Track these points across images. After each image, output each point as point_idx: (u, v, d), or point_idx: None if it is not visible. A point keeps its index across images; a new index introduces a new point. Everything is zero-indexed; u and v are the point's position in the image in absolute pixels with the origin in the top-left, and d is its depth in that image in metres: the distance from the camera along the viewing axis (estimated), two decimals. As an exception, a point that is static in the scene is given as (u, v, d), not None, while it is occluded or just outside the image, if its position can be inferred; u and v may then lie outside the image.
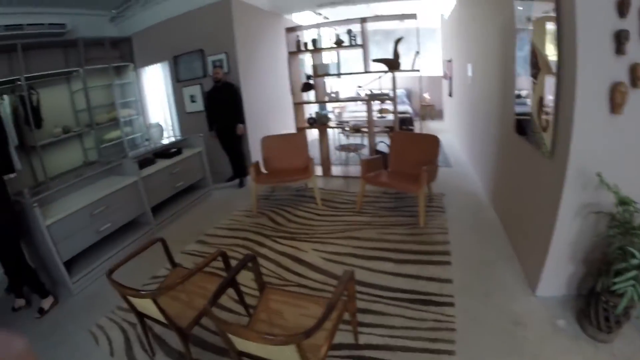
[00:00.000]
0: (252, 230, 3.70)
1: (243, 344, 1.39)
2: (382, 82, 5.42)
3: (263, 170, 4.42)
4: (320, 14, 7.48)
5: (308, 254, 3.08)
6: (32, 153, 5.02)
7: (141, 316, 1.99)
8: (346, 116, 7.51)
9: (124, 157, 4.14)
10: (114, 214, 3.43)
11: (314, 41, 5.02)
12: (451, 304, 2.29)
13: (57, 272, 3.00)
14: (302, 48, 5.09)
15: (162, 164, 4.19)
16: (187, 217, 4.35)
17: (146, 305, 1.77)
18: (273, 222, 3.85)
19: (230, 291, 2.05)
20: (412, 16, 4.86)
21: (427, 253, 2.91)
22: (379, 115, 5.49)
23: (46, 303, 2.88)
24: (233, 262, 2.23)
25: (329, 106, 7.23)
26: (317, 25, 5.45)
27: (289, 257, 3.09)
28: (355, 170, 5.06)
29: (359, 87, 6.58)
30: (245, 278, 2.49)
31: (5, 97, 4.71)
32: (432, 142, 3.82)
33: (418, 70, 4.85)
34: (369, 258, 2.92)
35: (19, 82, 4.73)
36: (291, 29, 5.10)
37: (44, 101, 5.11)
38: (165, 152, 4.44)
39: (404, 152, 4.05)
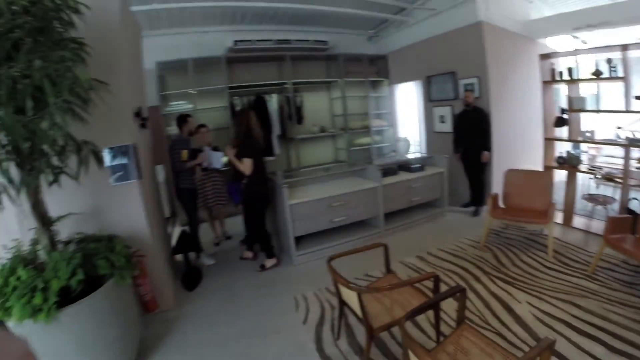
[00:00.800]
0: (473, 262, 3.80)
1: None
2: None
3: (501, 204, 4.42)
4: (577, 37, 6.56)
5: (520, 306, 3.00)
6: (290, 143, 6.70)
7: (342, 303, 2.53)
8: (600, 161, 6.42)
9: (370, 163, 4.97)
10: (349, 210, 4.27)
11: (570, 70, 4.61)
12: None
13: (287, 242, 4.07)
14: (557, 77, 4.75)
15: (403, 176, 4.80)
16: (415, 231, 4.82)
17: (350, 296, 2.19)
18: (496, 260, 3.84)
19: (430, 313, 2.35)
20: None
21: (649, 351, 2.42)
22: (637, 165, 4.57)
23: (269, 262, 4.00)
24: (443, 287, 2.57)
25: (584, 146, 6.36)
26: (575, 52, 4.93)
27: (499, 301, 3.08)
28: (598, 226, 4.43)
29: (619, 128, 5.52)
30: (449, 306, 2.78)
31: (274, 95, 6.45)
32: None
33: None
34: (580, 332, 2.64)
35: (286, 86, 6.35)
36: (545, 56, 4.84)
37: (306, 103, 6.74)
38: (409, 166, 5.02)
39: None
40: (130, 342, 2.48)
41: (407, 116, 7.42)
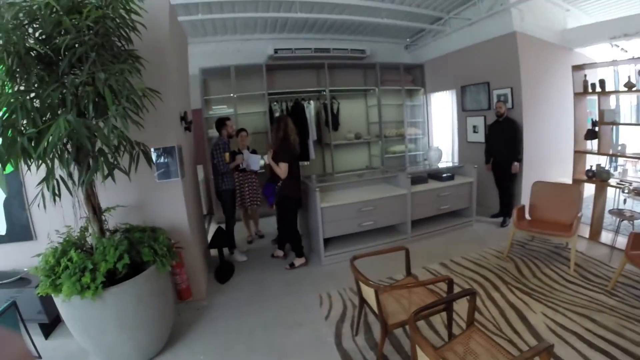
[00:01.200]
0: (495, 272, 3.86)
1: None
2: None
3: (527, 215, 4.43)
4: (617, 46, 6.36)
5: (535, 316, 3.05)
6: (326, 148, 6.95)
7: (362, 301, 2.70)
8: (632, 175, 6.15)
9: (401, 170, 5.11)
10: (378, 215, 4.44)
11: (601, 82, 4.52)
12: None
13: (316, 243, 4.30)
14: (589, 89, 4.66)
15: (433, 184, 4.92)
16: (441, 239, 4.91)
17: (369, 294, 2.38)
18: (518, 271, 3.88)
19: (444, 316, 2.47)
20: None
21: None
22: None
23: (298, 261, 4.23)
24: (457, 291, 2.68)
25: (621, 160, 6.16)
26: (609, 64, 4.85)
27: (515, 310, 3.13)
28: (624, 242, 4.33)
29: None
30: (464, 310, 2.88)
31: (312, 102, 6.71)
32: None
33: None
34: (591, 346, 2.66)
35: (324, 92, 6.62)
36: (578, 67, 4.75)
37: (342, 110, 6.95)
38: (439, 174, 5.12)
39: None
40: (165, 324, 2.77)
41: (442, 125, 7.46)
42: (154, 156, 3.15)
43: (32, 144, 1.94)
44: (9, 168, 2.37)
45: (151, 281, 2.51)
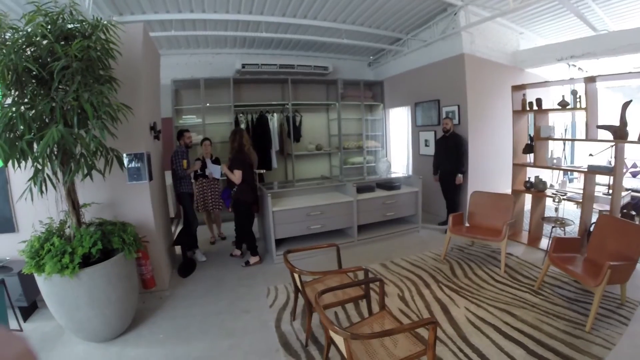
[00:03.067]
0: (429, 272, 4.40)
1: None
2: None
3: (466, 222, 5.09)
4: (574, 66, 7.30)
5: (457, 309, 3.46)
6: (288, 158, 7.64)
7: (297, 291, 3.26)
8: (570, 186, 6.96)
9: (348, 180, 5.78)
10: (325, 220, 5.09)
11: (538, 101, 5.16)
12: None
13: (269, 243, 4.93)
14: (527, 107, 5.26)
15: (379, 193, 5.61)
16: (387, 243, 5.56)
17: (297, 280, 2.97)
18: (451, 271, 4.40)
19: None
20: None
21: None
22: (605, 192, 5.19)
23: (253, 260, 4.87)
24: (391, 289, 3.57)
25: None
26: (546, 84, 5.49)
27: (440, 304, 3.58)
28: None
29: (590, 155, 6.17)
30: (393, 307, 3.54)
31: (275, 114, 7.44)
32: (637, 234, 3.46)
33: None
34: (506, 336, 3.01)
35: (287, 106, 7.31)
36: (518, 87, 5.37)
37: (305, 122, 7.71)
38: (386, 184, 5.82)
39: (605, 240, 3.77)
40: (129, 305, 3.31)
41: (399, 139, 8.30)
42: (126, 161, 3.72)
43: (28, 147, 2.50)
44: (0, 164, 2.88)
45: (119, 265, 3.08)
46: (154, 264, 4.01)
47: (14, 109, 2.50)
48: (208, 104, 6.93)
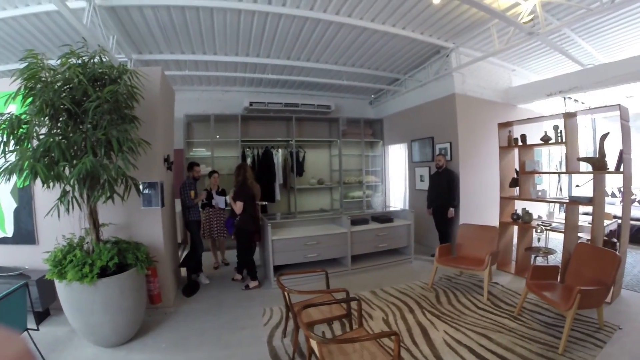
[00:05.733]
0: (415, 299, 4.74)
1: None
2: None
3: (454, 253, 5.50)
4: (570, 98, 7.84)
5: (436, 332, 3.76)
6: (291, 191, 8.20)
7: (288, 309, 3.65)
8: (560, 217, 7.30)
9: (342, 213, 6.29)
10: (321, 249, 5.59)
11: (522, 137, 5.61)
12: None
13: (268, 269, 5.40)
14: (513, 143, 5.70)
15: (373, 225, 6.11)
16: (378, 273, 5.96)
17: (287, 298, 3.30)
18: (436, 299, 4.71)
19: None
20: (614, 108, 4.53)
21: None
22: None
23: (252, 284, 5.34)
24: (377, 314, 4.02)
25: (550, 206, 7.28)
26: (527, 121, 5.69)
27: (421, 327, 3.89)
28: None
29: (577, 186, 6.61)
30: (376, 328, 3.97)
31: (280, 150, 8.07)
32: (611, 260, 3.74)
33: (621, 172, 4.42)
34: (479, 357, 3.26)
35: (291, 142, 7.99)
36: (504, 124, 5.84)
37: (308, 158, 8.37)
38: (380, 217, 6.32)
39: (582, 267, 4.07)
40: (137, 315, 3.82)
41: (397, 174, 8.87)
42: (141, 188, 4.32)
43: (63, 172, 3.12)
44: (27, 182, 3.40)
45: (131, 279, 3.62)
46: (161, 282, 4.54)
47: (51, 139, 3.11)
48: (217, 139, 7.66)
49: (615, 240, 5.22)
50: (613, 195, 8.60)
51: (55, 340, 3.77)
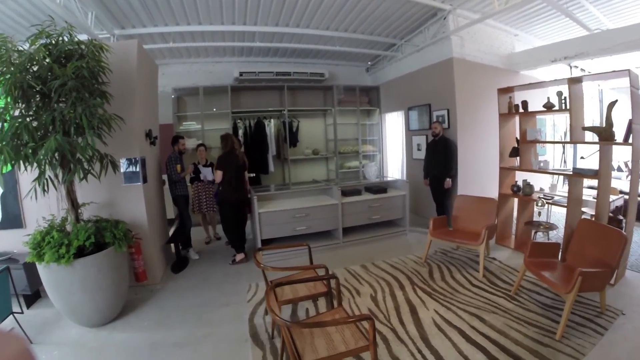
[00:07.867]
0: (407, 274, 4.63)
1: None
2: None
3: (450, 226, 5.39)
4: (576, 67, 7.56)
5: (426, 312, 3.62)
6: (285, 163, 8.15)
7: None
8: (560, 190, 7.12)
9: (335, 184, 6.20)
10: (310, 222, 5.54)
11: (524, 103, 5.32)
12: None
13: (255, 243, 5.39)
14: (513, 110, 5.42)
15: (365, 197, 6.03)
16: (371, 245, 5.93)
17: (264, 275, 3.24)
18: (429, 274, 4.58)
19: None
20: (623, 74, 4.14)
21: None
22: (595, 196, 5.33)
23: (239, 257, 5.36)
24: (365, 290, 4.00)
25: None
26: (529, 86, 5.33)
27: (409, 305, 3.78)
28: None
29: (582, 158, 6.42)
30: (363, 306, 3.94)
31: (272, 120, 7.99)
32: (616, 239, 3.47)
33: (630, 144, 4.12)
34: (469, 340, 3.09)
35: (284, 112, 7.85)
36: (504, 90, 5.51)
37: (302, 128, 8.25)
38: (373, 188, 6.24)
39: (585, 246, 3.81)
40: (119, 294, 3.86)
41: (394, 143, 8.74)
42: (123, 164, 4.31)
43: (32, 153, 3.08)
44: (8, 167, 3.44)
45: (109, 258, 3.64)
46: (146, 260, 4.57)
47: (19, 120, 3.08)
48: (207, 111, 7.56)
49: (621, 217, 5.09)
50: (619, 169, 8.39)
51: (43, 321, 3.85)
